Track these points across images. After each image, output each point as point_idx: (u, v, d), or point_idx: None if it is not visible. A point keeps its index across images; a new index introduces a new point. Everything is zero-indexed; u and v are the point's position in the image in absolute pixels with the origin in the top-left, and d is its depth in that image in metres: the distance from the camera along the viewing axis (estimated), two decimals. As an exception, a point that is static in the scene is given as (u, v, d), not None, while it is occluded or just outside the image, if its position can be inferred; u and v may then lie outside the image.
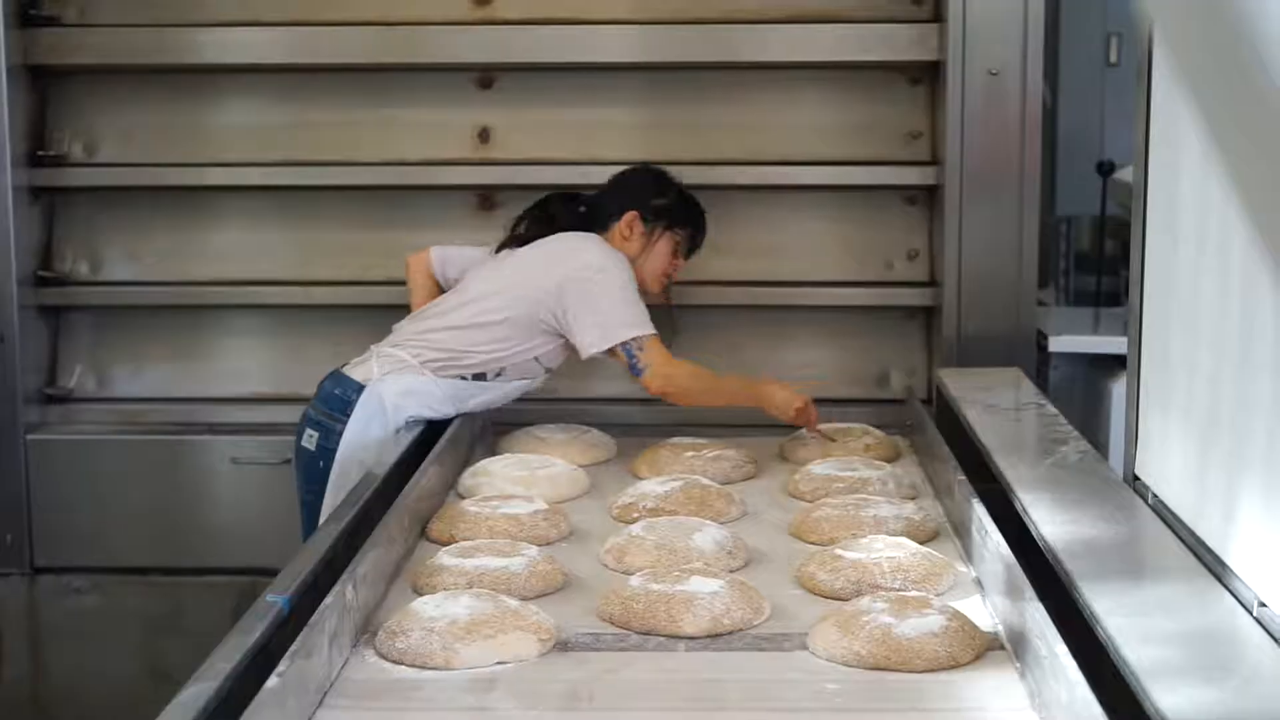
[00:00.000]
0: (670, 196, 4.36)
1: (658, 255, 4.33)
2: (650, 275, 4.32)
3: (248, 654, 2.37)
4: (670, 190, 4.38)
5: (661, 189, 4.38)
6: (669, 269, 4.37)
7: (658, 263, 4.33)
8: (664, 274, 4.37)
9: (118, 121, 4.92)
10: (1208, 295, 2.74)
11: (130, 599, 4.74)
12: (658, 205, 4.33)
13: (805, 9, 4.77)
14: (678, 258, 4.39)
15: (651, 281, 4.33)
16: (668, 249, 4.34)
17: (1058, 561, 2.63)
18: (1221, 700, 2.07)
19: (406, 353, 4.13)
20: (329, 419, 4.07)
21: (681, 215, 4.37)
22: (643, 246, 4.31)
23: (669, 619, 2.67)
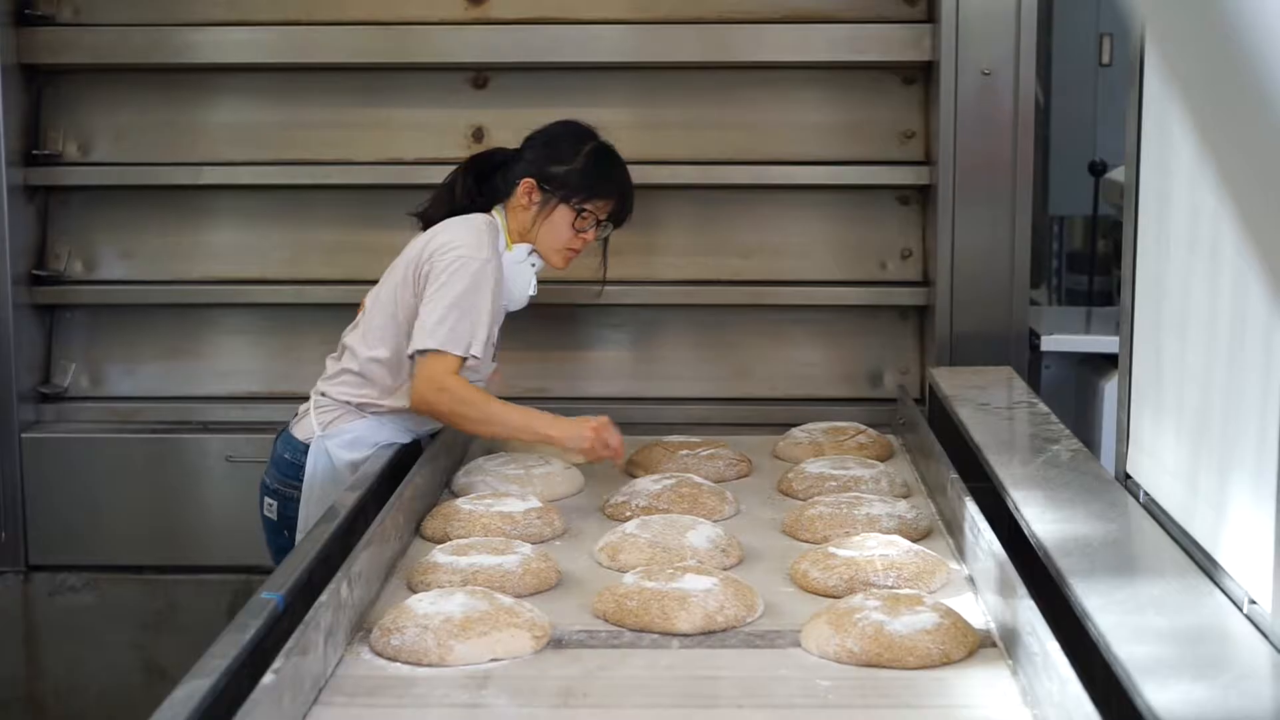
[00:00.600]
0: (575, 162, 3.93)
1: (554, 229, 3.92)
2: (548, 250, 3.95)
3: (243, 651, 2.37)
4: (577, 154, 3.95)
5: (571, 151, 3.96)
6: (573, 243, 3.95)
7: (555, 236, 3.93)
8: (566, 249, 3.96)
9: (112, 120, 4.93)
10: (1199, 295, 2.75)
11: (125, 597, 4.75)
12: (558, 173, 3.92)
13: (799, 9, 4.78)
14: (584, 232, 3.95)
15: (551, 257, 3.97)
16: (565, 222, 3.92)
17: (1049, 559, 2.64)
18: (1212, 697, 2.08)
19: (339, 397, 3.91)
20: (285, 486, 3.90)
21: (585, 184, 3.93)
22: (535, 218, 3.92)
23: (663, 616, 2.68)
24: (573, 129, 4.03)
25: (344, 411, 3.89)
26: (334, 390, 3.91)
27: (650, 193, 4.80)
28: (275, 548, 3.92)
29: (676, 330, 4.94)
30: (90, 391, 4.95)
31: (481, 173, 4.03)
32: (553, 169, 3.92)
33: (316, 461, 3.85)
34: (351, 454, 3.85)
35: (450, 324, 3.69)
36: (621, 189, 4.01)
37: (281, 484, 3.90)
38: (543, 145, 3.99)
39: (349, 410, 3.89)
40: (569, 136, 4.00)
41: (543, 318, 4.80)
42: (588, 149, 3.97)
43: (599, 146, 4.00)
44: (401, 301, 3.83)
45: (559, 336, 4.91)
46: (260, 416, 4.73)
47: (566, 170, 3.92)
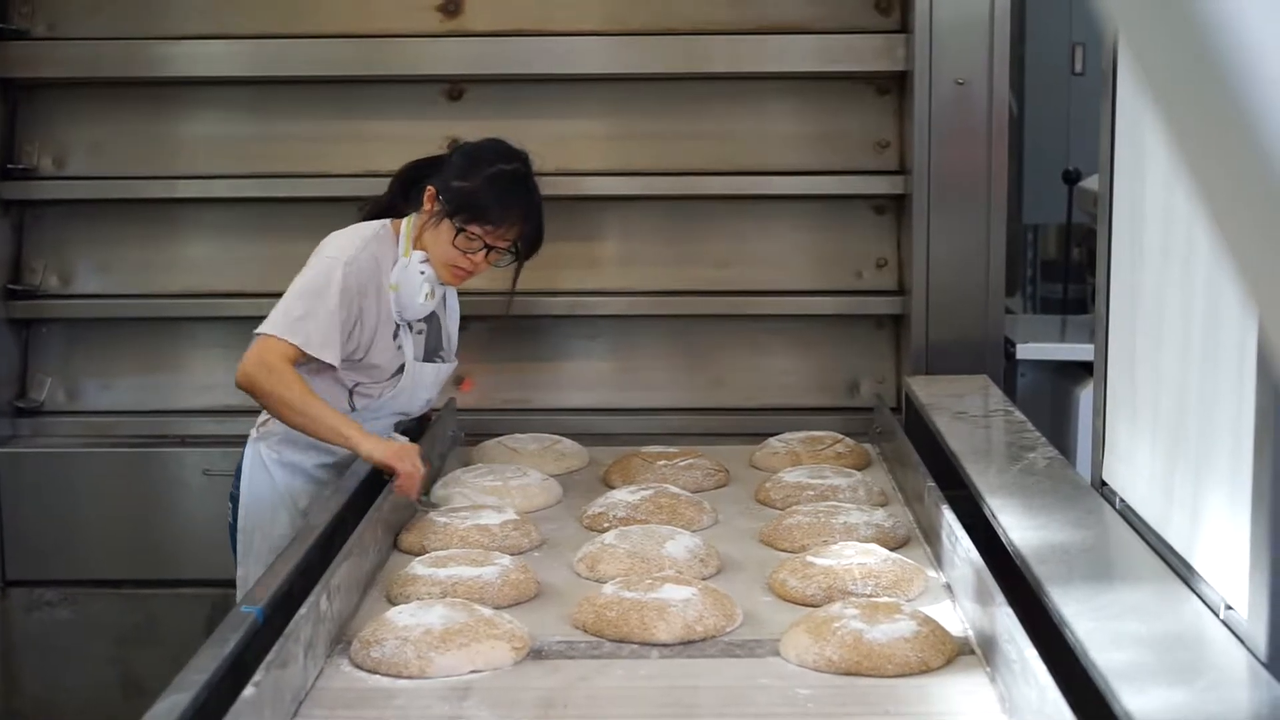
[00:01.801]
0: (472, 181, 3.84)
1: (438, 240, 3.84)
2: (435, 261, 3.86)
3: (223, 664, 2.37)
4: (478, 174, 3.86)
5: (472, 169, 3.87)
6: (460, 261, 3.85)
7: (438, 249, 3.84)
8: (452, 265, 3.85)
9: (87, 134, 4.92)
10: (1173, 303, 2.76)
11: (103, 611, 4.73)
12: (454, 187, 3.85)
13: (773, 20, 4.79)
14: (472, 254, 3.85)
15: (439, 269, 3.87)
16: (447, 237, 3.82)
17: (1027, 566, 2.65)
18: (1189, 702, 2.09)
19: None
20: (236, 489, 3.96)
21: (472, 205, 3.83)
22: (426, 226, 3.87)
23: (642, 626, 2.68)
24: (494, 147, 3.96)
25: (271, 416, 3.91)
26: None
27: (626, 204, 4.81)
28: (234, 550, 3.99)
29: (653, 341, 4.95)
30: (67, 406, 4.94)
31: (412, 180, 4.04)
32: (454, 182, 3.86)
33: (252, 463, 3.90)
34: (282, 455, 3.88)
35: (294, 314, 3.70)
36: (520, 218, 3.87)
37: (235, 487, 3.97)
38: (459, 156, 3.96)
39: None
40: (486, 154, 3.93)
41: (519, 329, 4.81)
42: (493, 171, 3.86)
43: (506, 172, 3.88)
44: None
45: (536, 348, 4.91)
46: (237, 430, 4.70)
47: (463, 186, 3.84)
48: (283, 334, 3.67)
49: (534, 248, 3.95)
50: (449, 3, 4.81)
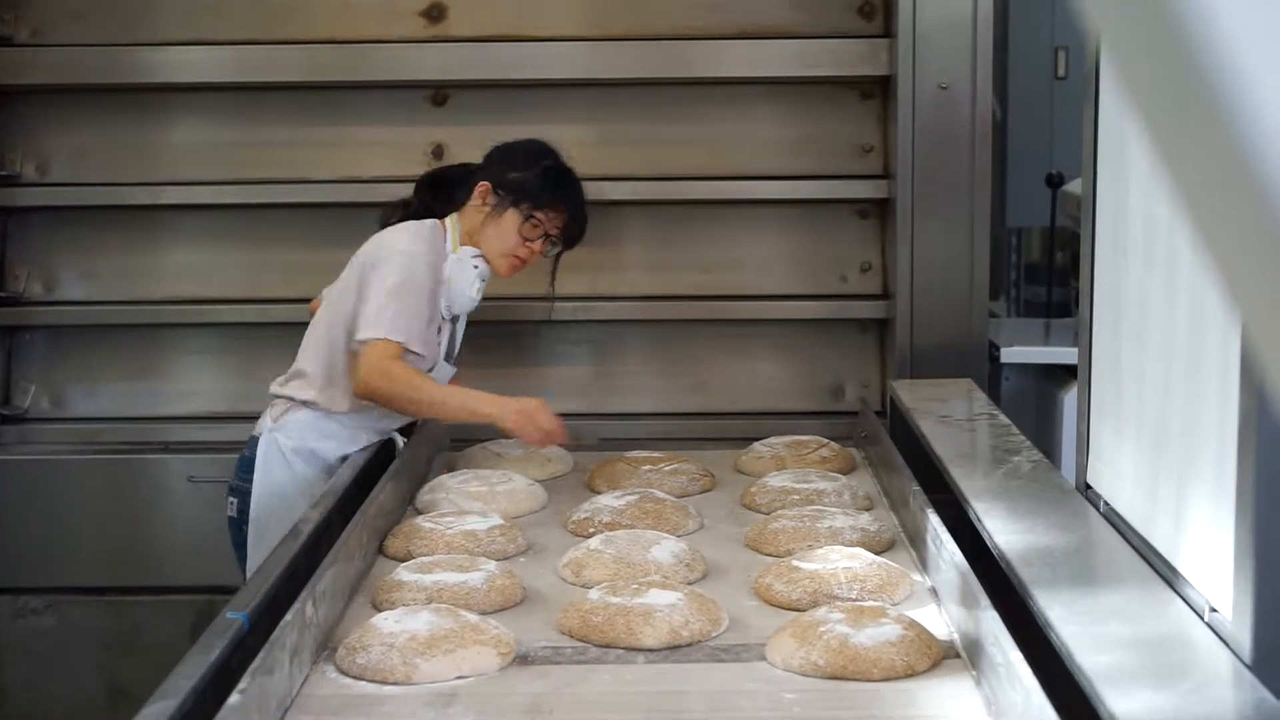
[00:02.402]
0: (531, 171, 4.04)
1: (502, 231, 4.00)
2: (493, 253, 4.02)
3: (209, 671, 2.37)
4: (535, 166, 4.05)
5: (528, 162, 4.07)
6: (519, 250, 4.03)
7: (501, 240, 4.00)
8: (512, 255, 4.03)
9: (70, 141, 4.91)
10: (1156, 307, 2.77)
11: (88, 619, 4.72)
12: (513, 178, 4.03)
13: (756, 25, 4.79)
14: (533, 241, 4.03)
15: (496, 261, 4.03)
16: (513, 227, 4.00)
17: (1012, 570, 2.66)
18: (1174, 705, 2.10)
19: (291, 392, 4.01)
20: (241, 483, 3.98)
21: (537, 192, 4.03)
22: (485, 219, 4.02)
23: (628, 631, 2.68)
24: (537, 145, 4.14)
25: (292, 406, 3.99)
26: (286, 389, 4.02)
27: (609, 208, 4.81)
28: (236, 545, 3.99)
29: (637, 346, 4.95)
30: (51, 413, 4.93)
31: (438, 184, 4.18)
32: (509, 175, 4.03)
33: (268, 453, 3.94)
34: (300, 443, 3.95)
35: (390, 312, 3.83)
36: (573, 207, 4.09)
37: (240, 480, 3.97)
38: (504, 154, 4.12)
39: (296, 405, 3.99)
40: (531, 150, 4.12)
41: (504, 334, 4.81)
42: (547, 163, 4.08)
43: (558, 164, 4.11)
44: (343, 303, 3.96)
45: (520, 353, 4.92)
46: (222, 436, 4.72)
47: (522, 177, 4.02)
48: (389, 335, 3.82)
49: (580, 236, 4.13)
50: (432, 8, 4.81)
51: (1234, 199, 0.62)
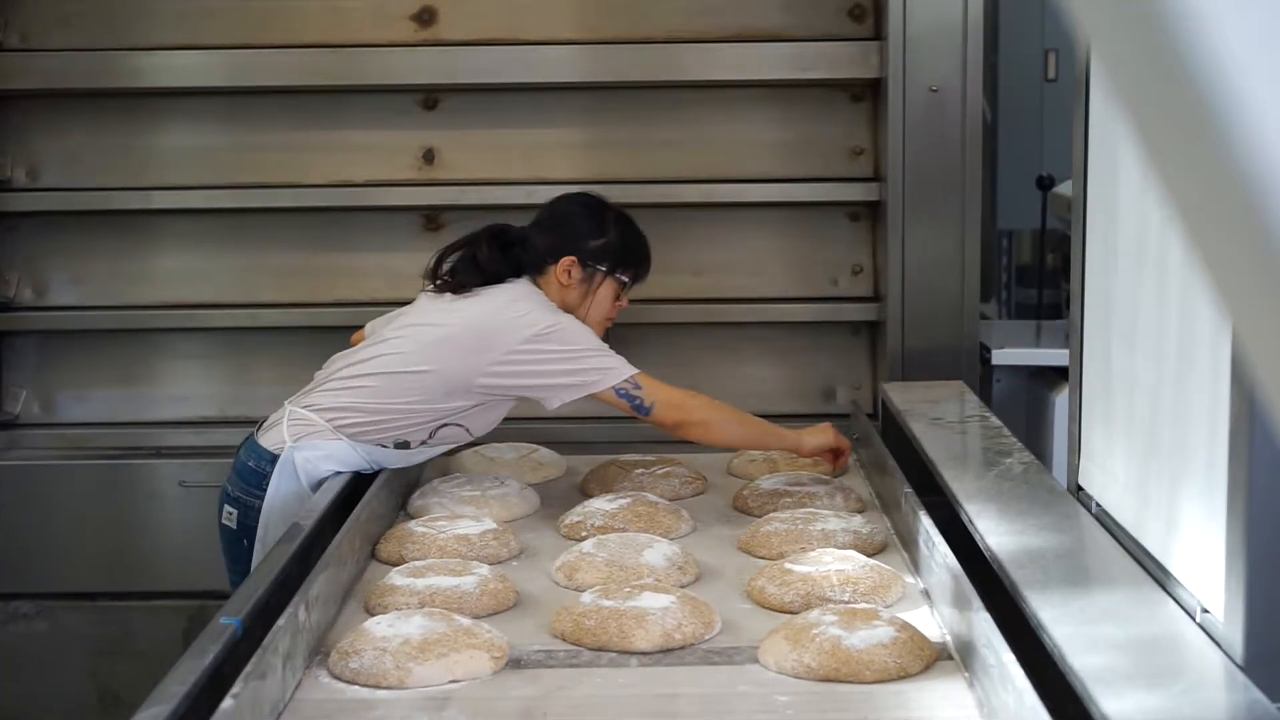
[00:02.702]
0: (610, 234, 3.91)
1: (600, 302, 3.90)
2: (593, 323, 3.88)
3: (202, 676, 2.37)
4: (609, 225, 3.92)
5: (600, 225, 3.91)
6: (612, 313, 3.96)
7: (600, 310, 3.91)
8: (607, 319, 3.96)
9: (61, 146, 4.91)
10: (1147, 308, 2.78)
11: (79, 624, 4.72)
12: (597, 247, 3.88)
13: (747, 28, 4.80)
14: (621, 301, 3.97)
15: (596, 328, 3.89)
16: (610, 294, 3.91)
17: (1004, 571, 2.66)
18: (1166, 705, 2.10)
19: (318, 415, 3.79)
20: (246, 495, 3.78)
21: (624, 255, 3.92)
22: (584, 294, 3.88)
23: (621, 635, 2.68)
24: (587, 201, 3.99)
25: (320, 429, 3.76)
26: (314, 408, 3.79)
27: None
28: (232, 557, 3.83)
29: (629, 348, 4.92)
30: (42, 418, 4.93)
31: (505, 244, 3.91)
32: (590, 244, 3.87)
33: (283, 472, 3.75)
34: (319, 470, 3.75)
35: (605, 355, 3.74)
36: (649, 252, 4.00)
37: (244, 492, 3.78)
38: (568, 223, 3.92)
39: (325, 429, 3.76)
40: (590, 210, 3.95)
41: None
42: (613, 218, 3.94)
43: (621, 215, 3.97)
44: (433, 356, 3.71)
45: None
46: (214, 441, 4.72)
47: (604, 244, 3.88)
48: (630, 370, 3.73)
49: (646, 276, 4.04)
50: (423, 12, 4.82)
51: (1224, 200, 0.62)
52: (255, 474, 3.78)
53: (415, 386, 3.72)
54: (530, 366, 3.67)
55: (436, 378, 3.70)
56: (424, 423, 3.76)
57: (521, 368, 3.67)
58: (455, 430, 3.80)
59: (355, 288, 4.90)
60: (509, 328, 3.69)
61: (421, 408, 3.73)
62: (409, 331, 3.79)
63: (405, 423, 3.75)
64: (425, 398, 3.72)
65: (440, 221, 4.91)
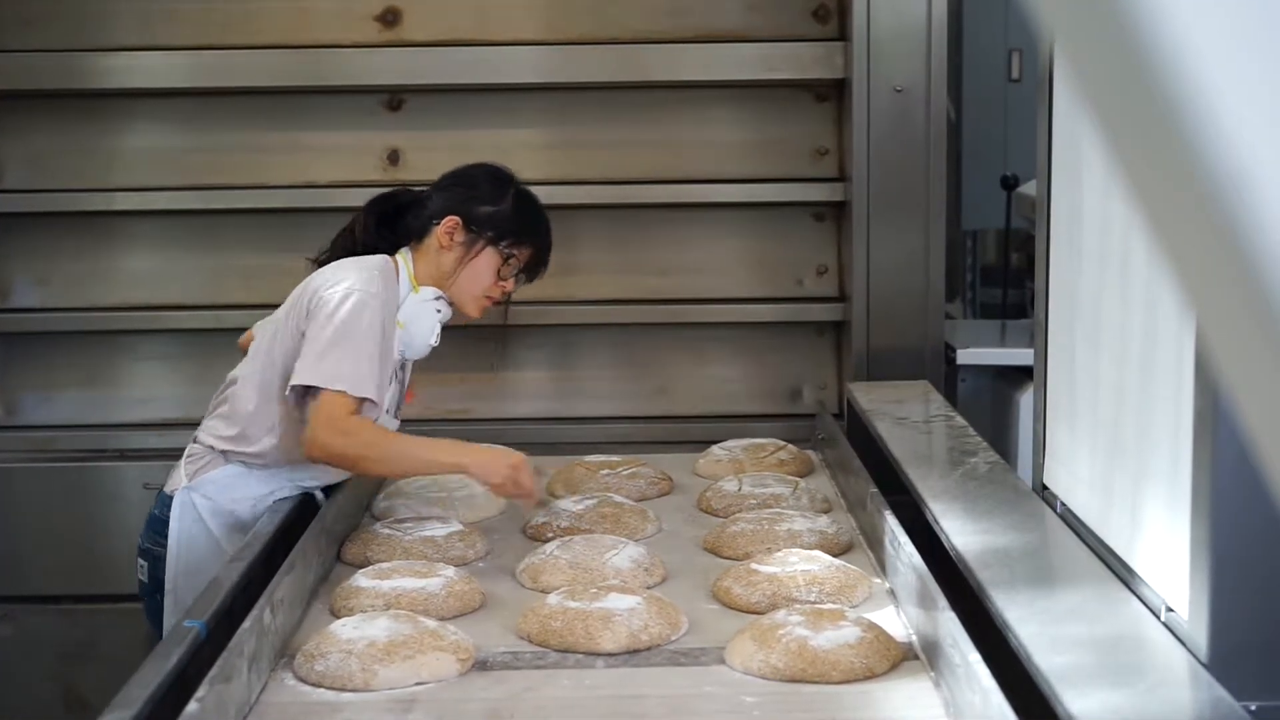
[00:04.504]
0: (504, 204, 3.67)
1: (477, 272, 3.65)
2: (466, 295, 3.67)
3: (166, 679, 2.36)
4: (505, 196, 3.69)
5: (496, 193, 3.69)
6: (491, 290, 3.69)
7: (475, 281, 3.66)
8: (484, 295, 3.69)
9: (24, 147, 4.88)
10: (1111, 308, 2.79)
11: (44, 628, 4.69)
12: (486, 212, 3.65)
13: (712, 29, 4.80)
14: (506, 280, 3.70)
15: (468, 304, 3.69)
16: (490, 266, 3.65)
17: (969, 571, 2.67)
18: (1132, 704, 2.11)
19: (207, 440, 3.59)
20: (154, 545, 3.57)
21: (514, 228, 3.66)
22: (459, 259, 3.63)
23: (587, 636, 2.68)
24: (496, 171, 3.78)
25: (211, 459, 3.58)
26: (205, 434, 3.63)
27: (567, 213, 4.80)
28: (149, 612, 3.63)
29: (595, 349, 4.95)
30: (5, 421, 4.90)
31: (384, 214, 3.75)
32: (480, 209, 3.65)
33: (183, 515, 3.54)
34: (218, 504, 3.55)
35: (341, 360, 3.36)
36: (547, 238, 3.76)
37: (152, 543, 3.58)
38: (464, 185, 3.72)
39: (215, 457, 3.58)
40: (492, 178, 3.74)
41: (462, 339, 4.79)
42: (514, 191, 3.72)
43: (525, 191, 3.77)
44: (279, 344, 3.52)
45: (478, 358, 4.90)
46: (179, 443, 4.65)
47: (495, 211, 3.65)
48: (344, 386, 3.34)
49: (546, 267, 3.80)
50: (387, 13, 4.81)
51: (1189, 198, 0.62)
52: (160, 521, 3.58)
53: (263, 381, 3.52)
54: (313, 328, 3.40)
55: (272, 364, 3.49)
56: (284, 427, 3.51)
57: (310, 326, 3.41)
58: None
59: (320, 289, 4.87)
60: (315, 287, 3.47)
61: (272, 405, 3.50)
62: (263, 325, 3.62)
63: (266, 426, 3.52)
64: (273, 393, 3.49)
65: (405, 222, 4.89)
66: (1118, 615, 2.47)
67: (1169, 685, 2.21)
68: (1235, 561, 2.21)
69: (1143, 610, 2.46)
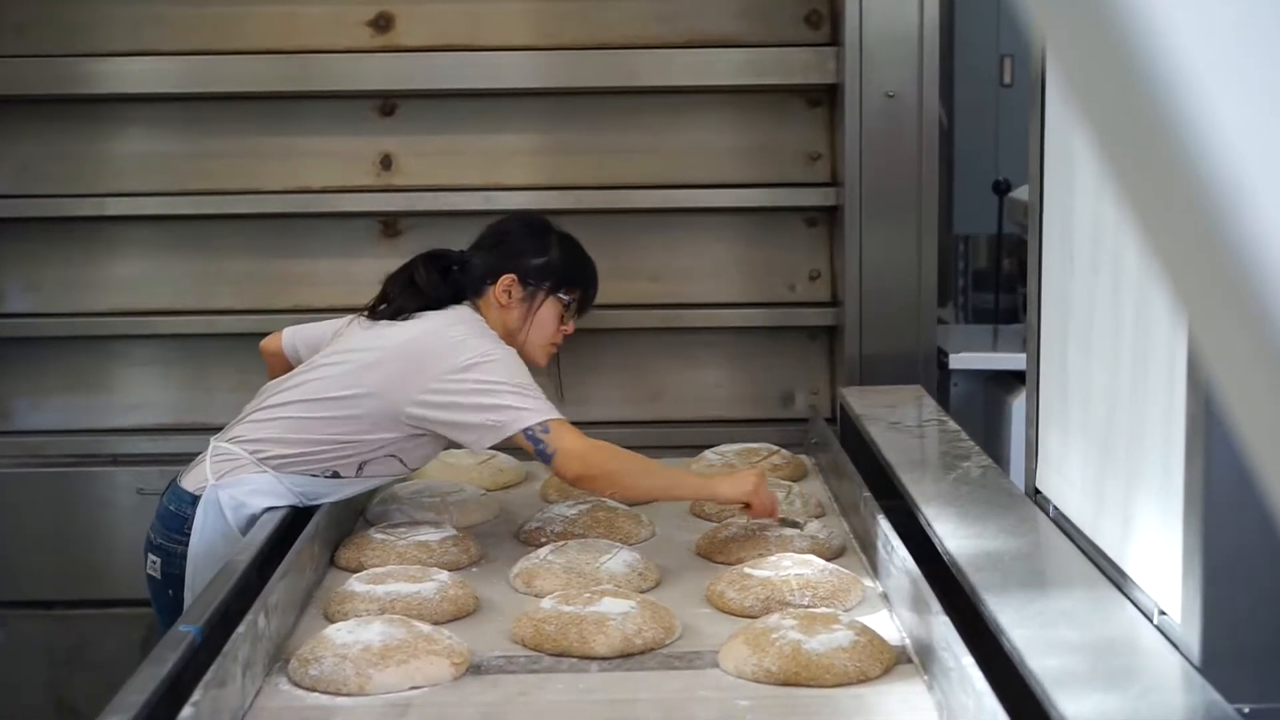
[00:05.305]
0: (552, 253, 3.76)
1: (542, 324, 3.72)
2: (534, 346, 3.73)
3: (161, 684, 2.36)
4: (551, 245, 3.77)
5: (541, 244, 3.77)
6: (556, 337, 3.78)
7: (542, 332, 3.73)
8: (551, 344, 3.78)
9: (14, 153, 4.88)
10: (1102, 312, 2.79)
11: (35, 634, 4.69)
12: (538, 265, 3.72)
13: (703, 34, 4.80)
14: (566, 323, 3.79)
15: (536, 353, 3.74)
16: (553, 315, 3.73)
17: (962, 575, 2.67)
18: (1125, 707, 2.11)
19: (242, 447, 3.56)
20: (169, 541, 3.54)
21: (567, 274, 3.76)
22: (524, 315, 3.70)
23: (581, 640, 2.68)
24: (529, 220, 3.87)
25: (244, 463, 3.55)
26: (242, 443, 3.58)
27: (558, 218, 4.79)
28: (159, 607, 3.62)
29: (587, 354, 4.95)
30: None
31: (443, 270, 3.72)
32: (531, 262, 3.71)
33: (207, 512, 3.51)
34: (246, 506, 3.52)
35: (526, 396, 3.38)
36: (595, 273, 3.86)
37: (166, 538, 3.56)
38: (507, 238, 3.77)
39: (250, 463, 3.54)
40: (532, 229, 3.81)
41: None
42: (556, 238, 3.79)
43: (564, 235, 3.84)
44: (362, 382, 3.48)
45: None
46: (170, 448, 4.69)
47: (546, 262, 3.72)
48: (547, 415, 3.35)
49: (595, 297, 3.89)
50: (380, 18, 4.81)
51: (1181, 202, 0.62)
52: (177, 518, 3.56)
53: (343, 415, 3.49)
54: (453, 398, 3.40)
55: (366, 404, 3.47)
56: (351, 455, 3.52)
57: (446, 398, 3.40)
58: (388, 463, 3.55)
59: (312, 294, 4.88)
60: (443, 351, 3.46)
61: (348, 439, 3.50)
62: (341, 357, 3.56)
63: (332, 455, 3.52)
64: (353, 428, 3.49)
65: (398, 228, 4.90)
66: (1110, 619, 2.47)
67: (1162, 688, 2.21)
68: (1228, 564, 2.22)
69: (1135, 614, 2.46)
